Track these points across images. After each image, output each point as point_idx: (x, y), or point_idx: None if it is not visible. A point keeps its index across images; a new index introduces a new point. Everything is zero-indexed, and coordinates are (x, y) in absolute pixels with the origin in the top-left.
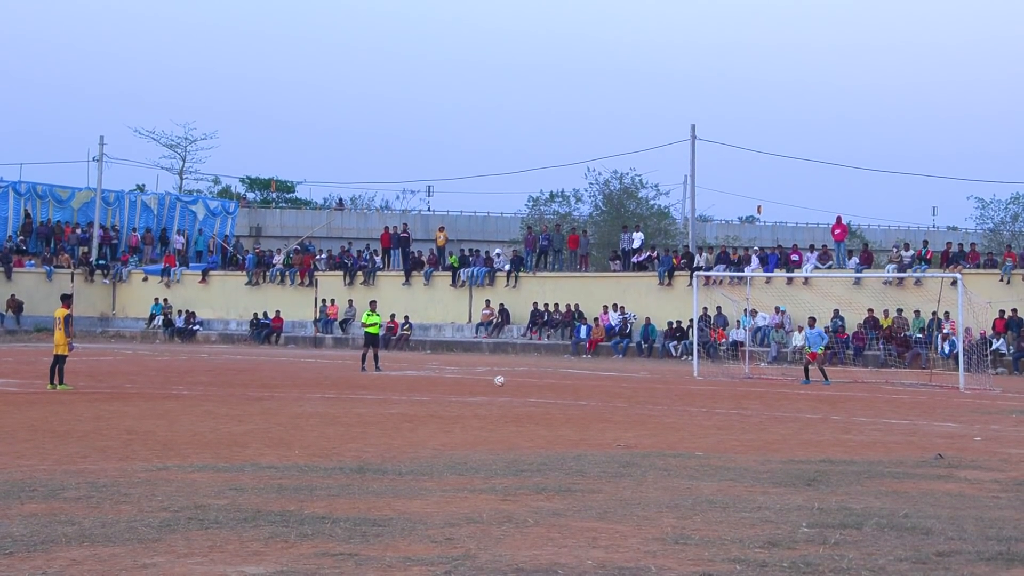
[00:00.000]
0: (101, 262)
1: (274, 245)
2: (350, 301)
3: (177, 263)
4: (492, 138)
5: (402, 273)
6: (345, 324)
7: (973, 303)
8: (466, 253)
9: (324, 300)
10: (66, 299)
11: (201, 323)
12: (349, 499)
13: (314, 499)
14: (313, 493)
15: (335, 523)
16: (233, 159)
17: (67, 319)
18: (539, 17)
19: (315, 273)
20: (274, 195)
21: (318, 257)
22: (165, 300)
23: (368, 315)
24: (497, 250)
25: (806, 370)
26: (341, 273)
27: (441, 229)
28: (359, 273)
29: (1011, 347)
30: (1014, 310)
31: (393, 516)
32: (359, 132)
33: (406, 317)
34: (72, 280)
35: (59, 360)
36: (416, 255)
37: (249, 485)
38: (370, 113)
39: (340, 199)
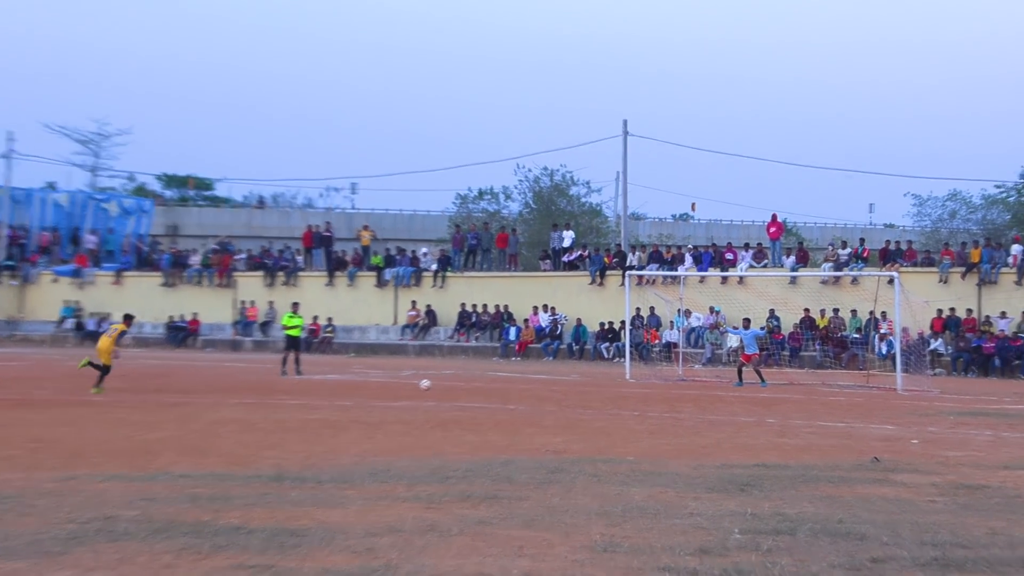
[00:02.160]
0: (9, 263)
1: (191, 245)
2: (270, 303)
3: (89, 264)
4: (419, 134)
5: (325, 273)
6: (265, 326)
7: (911, 302)
8: (391, 252)
9: (243, 302)
10: (127, 319)
11: None
12: (266, 508)
13: (230, 509)
14: (229, 503)
15: (251, 534)
16: (149, 156)
17: (121, 334)
18: (468, 8)
19: (234, 274)
20: (192, 193)
21: (237, 257)
22: (76, 302)
23: (289, 317)
24: (423, 249)
25: (740, 372)
26: (261, 273)
27: (365, 228)
28: (280, 273)
29: (949, 347)
30: (952, 309)
31: (312, 526)
32: (281, 128)
33: (329, 319)
34: None
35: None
36: (339, 255)
37: (162, 495)
38: (292, 108)
39: (260, 197)
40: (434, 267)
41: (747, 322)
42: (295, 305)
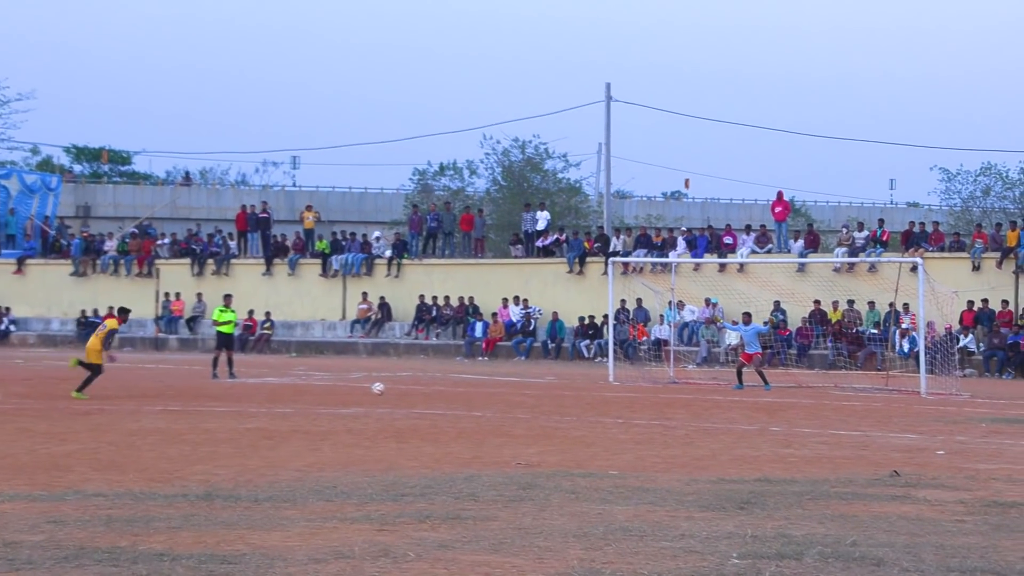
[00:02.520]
0: None
1: (106, 228)
2: (199, 295)
3: None
4: (370, 101)
5: (262, 261)
6: (193, 322)
7: (937, 293)
8: (339, 237)
9: (167, 294)
10: (122, 312)
11: (16, 322)
12: (194, 532)
13: (151, 532)
14: (150, 525)
15: (176, 561)
16: (56, 125)
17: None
18: None
19: (156, 261)
20: (106, 168)
21: (160, 242)
22: None
23: (221, 311)
24: (376, 233)
25: (739, 373)
26: (188, 261)
27: (309, 208)
28: (210, 261)
29: (981, 344)
30: (985, 301)
31: (247, 552)
32: (210, 94)
33: (267, 313)
34: None
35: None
36: (279, 239)
37: (72, 517)
38: (224, 71)
39: (186, 172)
40: (388, 253)
41: (748, 317)
42: (227, 298)
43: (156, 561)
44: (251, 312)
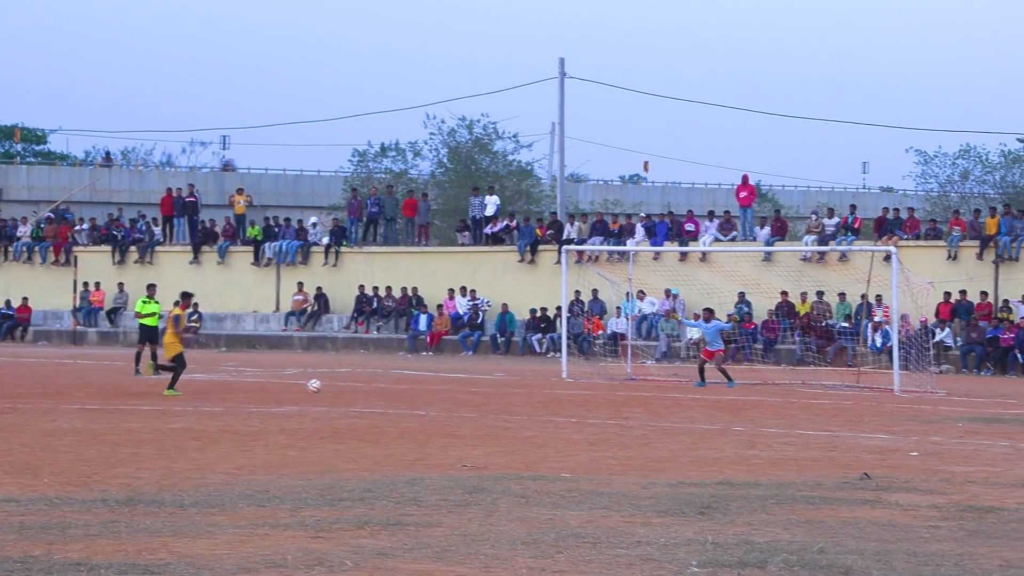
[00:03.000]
0: None
1: (19, 212)
2: (120, 285)
3: None
4: (307, 76)
5: (189, 248)
6: (114, 314)
7: (912, 284)
8: (272, 223)
9: (86, 284)
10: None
11: None
12: (114, 539)
13: (67, 540)
14: (66, 533)
15: (93, 570)
16: None
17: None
18: None
19: (74, 249)
20: (19, 147)
21: (78, 228)
22: None
23: (144, 303)
24: (313, 219)
25: (701, 370)
26: (108, 249)
27: (240, 192)
28: (132, 249)
29: (959, 339)
30: (963, 292)
31: (171, 560)
32: (132, 67)
33: (195, 305)
34: None
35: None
36: (207, 225)
37: None
38: (147, 43)
39: (107, 153)
40: (325, 241)
41: (709, 313)
42: (151, 288)
43: (72, 571)
44: (177, 303)
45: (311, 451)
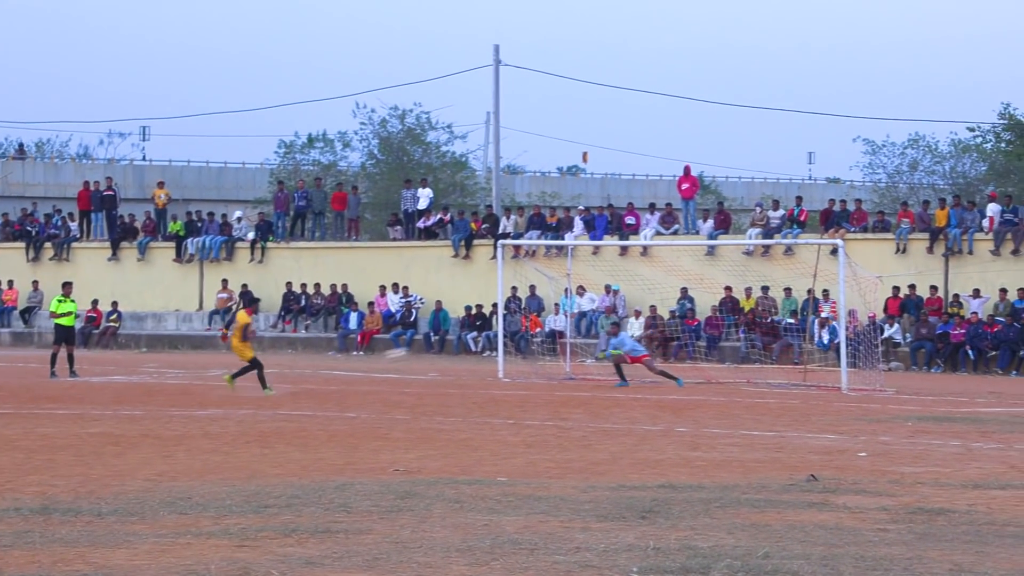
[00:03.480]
0: None
1: None
2: (35, 283)
3: None
4: (229, 64)
5: (107, 244)
6: (28, 314)
7: (859, 278)
8: (195, 217)
9: None
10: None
11: None
12: (27, 550)
13: None
14: None
15: None
16: None
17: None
18: None
19: None
20: None
21: None
22: None
23: (59, 301)
24: (237, 213)
25: (618, 369)
26: (22, 245)
27: (160, 185)
28: (47, 245)
29: (908, 335)
30: (912, 287)
31: (88, 572)
32: (46, 53)
33: (113, 304)
34: None
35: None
36: (126, 220)
37: None
38: (61, 27)
39: (20, 144)
40: (251, 236)
41: (616, 327)
42: (67, 286)
43: None
44: (95, 302)
45: (236, 456)
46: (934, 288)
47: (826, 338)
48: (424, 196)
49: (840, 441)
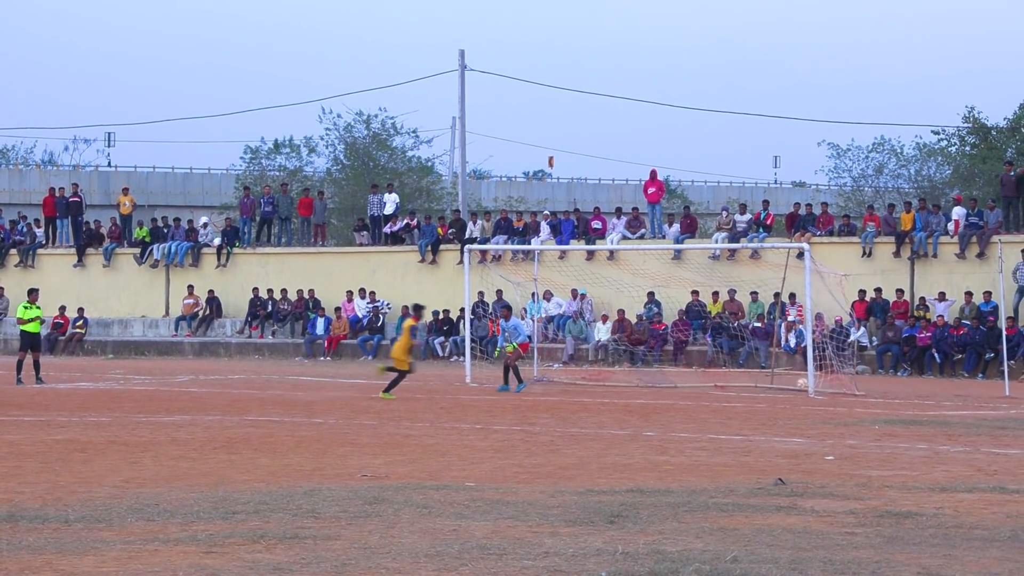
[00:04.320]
0: None
1: None
2: (0, 289)
3: None
4: (195, 70)
5: (73, 251)
6: None
7: (826, 281)
8: (161, 223)
9: None
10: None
11: None
12: None
13: None
14: None
15: None
16: None
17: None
18: None
19: None
20: None
21: None
22: None
23: (25, 308)
24: (203, 219)
25: (506, 372)
26: None
27: (126, 191)
28: (13, 251)
29: (874, 338)
30: (878, 290)
31: None
32: (10, 60)
33: (79, 310)
34: None
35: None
36: (92, 226)
37: None
38: (25, 33)
39: None
40: (217, 242)
41: (508, 311)
42: (33, 292)
43: None
44: (61, 309)
45: (203, 462)
46: (900, 291)
47: (793, 342)
48: (390, 201)
49: (807, 445)
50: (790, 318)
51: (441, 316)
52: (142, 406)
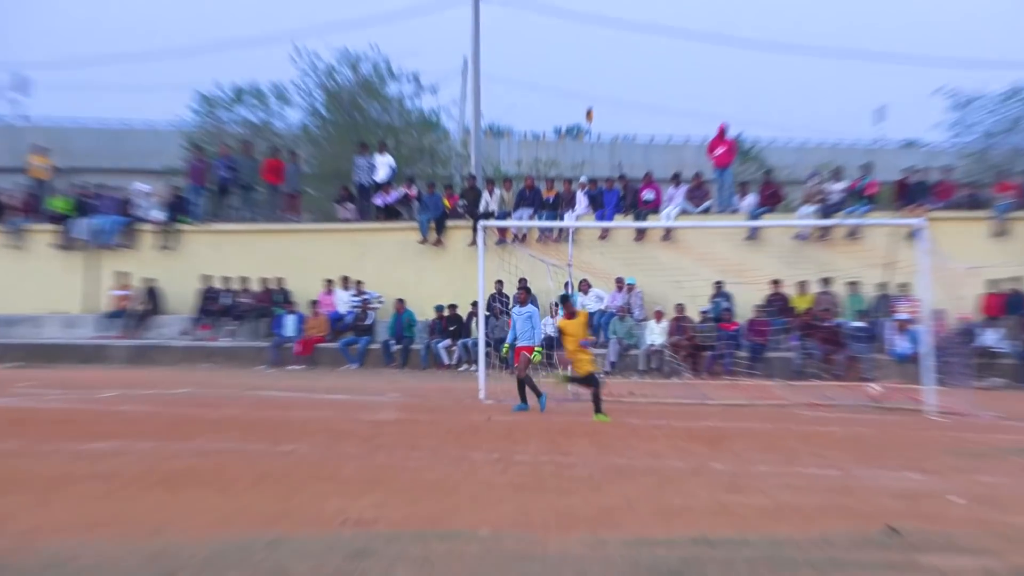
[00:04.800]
0: None
1: None
2: None
3: None
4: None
5: None
6: None
7: (947, 269)
8: (86, 192)
9: None
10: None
11: None
12: None
13: None
14: None
15: None
16: None
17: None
18: None
19: None
20: None
21: None
22: None
23: None
24: (141, 187)
25: (521, 387)
26: None
27: (41, 152)
28: None
29: (1015, 342)
30: (1017, 280)
31: None
32: None
33: None
34: None
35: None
36: None
37: None
38: None
39: None
40: (158, 216)
41: (525, 293)
42: None
43: None
44: None
45: (135, 503)
46: None
47: (905, 346)
48: (383, 165)
49: (927, 482)
50: (901, 316)
51: (447, 313)
52: (56, 430)
